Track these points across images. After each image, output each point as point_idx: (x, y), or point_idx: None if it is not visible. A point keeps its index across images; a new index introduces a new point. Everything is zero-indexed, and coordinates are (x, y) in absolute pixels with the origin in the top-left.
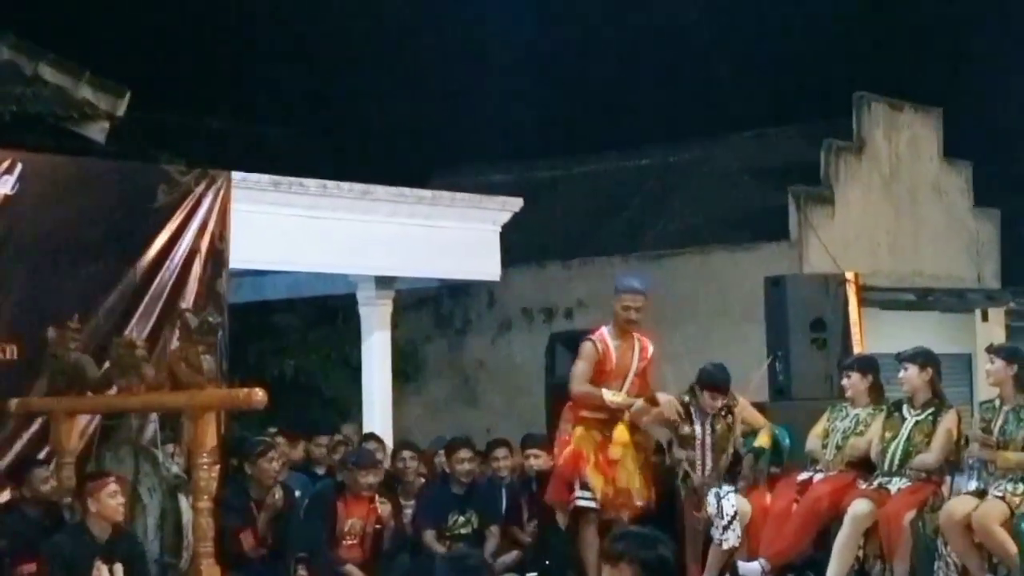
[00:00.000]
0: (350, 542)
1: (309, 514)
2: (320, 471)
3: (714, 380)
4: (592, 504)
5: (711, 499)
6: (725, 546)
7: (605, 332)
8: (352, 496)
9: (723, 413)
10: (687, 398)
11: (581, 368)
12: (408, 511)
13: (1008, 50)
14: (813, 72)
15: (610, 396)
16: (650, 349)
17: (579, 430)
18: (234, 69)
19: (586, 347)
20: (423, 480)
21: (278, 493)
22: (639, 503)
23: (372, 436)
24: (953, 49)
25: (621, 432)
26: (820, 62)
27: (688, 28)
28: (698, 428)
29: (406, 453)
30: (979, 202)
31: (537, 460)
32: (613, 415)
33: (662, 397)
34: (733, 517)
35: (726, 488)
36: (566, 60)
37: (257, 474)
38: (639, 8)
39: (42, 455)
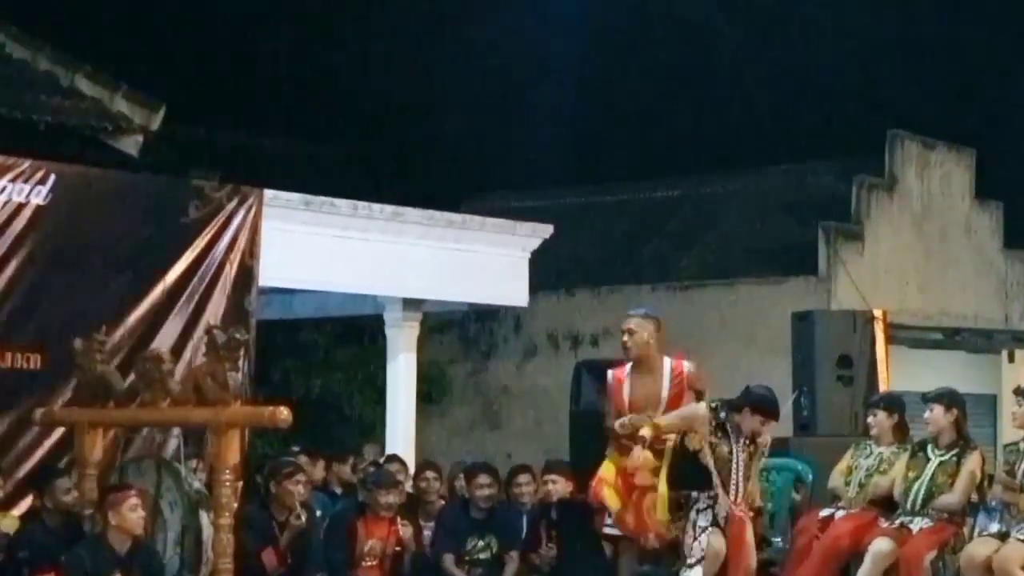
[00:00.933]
0: (369, 563)
1: (329, 535)
2: (338, 491)
3: (767, 404)
4: (616, 531)
5: (688, 529)
6: None
7: (628, 368)
8: (372, 517)
9: (747, 441)
10: (723, 415)
11: (606, 405)
12: (428, 532)
13: None
14: (847, 108)
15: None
16: (685, 367)
17: (612, 455)
18: (270, 87)
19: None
20: (444, 502)
21: (303, 514)
22: (666, 532)
23: (395, 458)
24: (988, 90)
25: (646, 457)
26: (855, 99)
27: (725, 61)
28: (735, 449)
29: (429, 473)
30: (1009, 243)
31: (555, 485)
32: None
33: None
34: (699, 560)
35: (702, 523)
36: (601, 88)
37: (282, 495)
38: (675, 39)
39: (63, 464)
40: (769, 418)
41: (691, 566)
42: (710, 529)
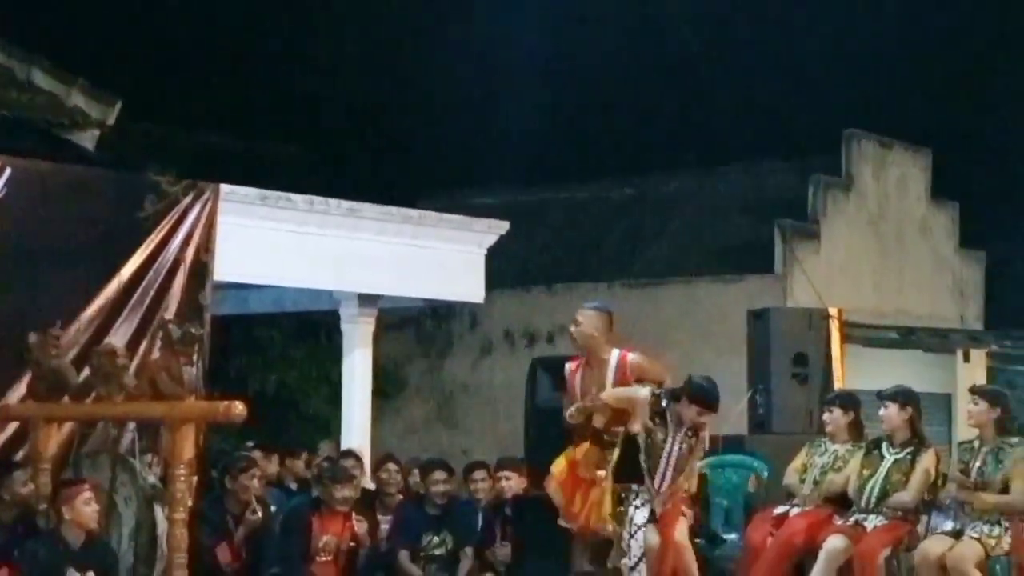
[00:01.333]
0: (324, 559)
1: (284, 530)
2: (293, 486)
3: (705, 395)
4: (566, 524)
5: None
6: None
7: (580, 361)
8: (328, 512)
9: (689, 433)
10: (664, 403)
11: (564, 399)
12: (386, 527)
13: (999, 93)
14: (804, 108)
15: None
16: (630, 357)
17: (568, 449)
18: (225, 83)
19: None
20: (401, 497)
21: (258, 510)
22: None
23: (350, 453)
24: (944, 91)
25: (588, 451)
26: (811, 98)
27: (682, 61)
28: (670, 438)
29: (391, 466)
30: (965, 243)
31: (509, 482)
32: (597, 434)
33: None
34: (640, 560)
35: (639, 521)
36: (558, 87)
37: (237, 489)
38: (632, 39)
39: (18, 457)
40: (706, 409)
41: (632, 568)
42: (647, 527)
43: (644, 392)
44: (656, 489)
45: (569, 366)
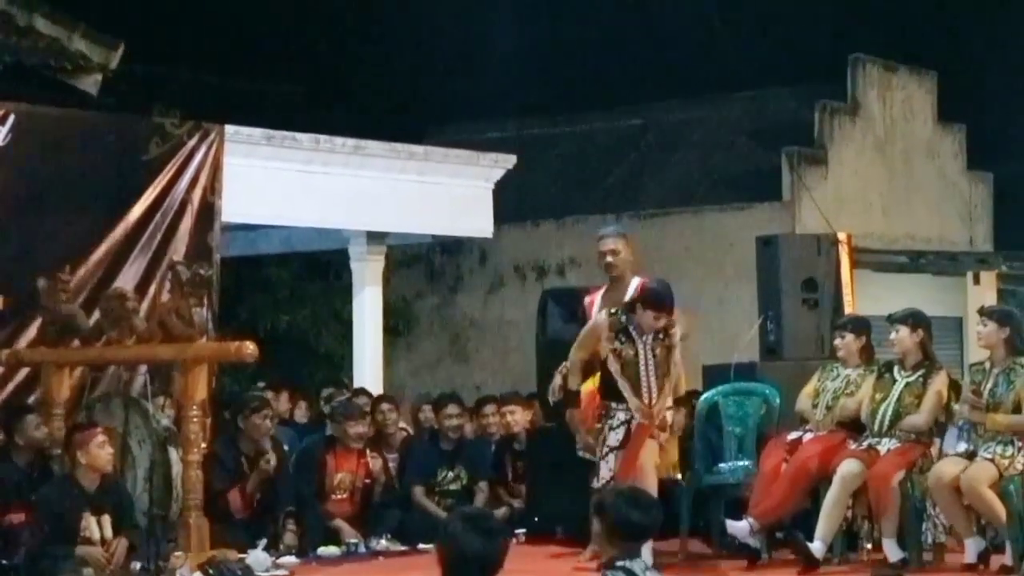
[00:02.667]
0: (339, 496)
1: (298, 469)
2: (302, 420)
3: (657, 298)
4: (584, 455)
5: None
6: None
7: (601, 290)
8: (342, 449)
9: (661, 336)
10: (623, 318)
11: (573, 356)
12: (391, 464)
13: (1005, 15)
14: (808, 33)
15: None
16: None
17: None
18: (229, 24)
19: (585, 328)
20: (405, 433)
21: (271, 459)
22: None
23: (363, 391)
24: (949, 12)
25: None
26: (816, 23)
27: None
28: (641, 349)
29: (384, 406)
30: (972, 165)
31: (514, 416)
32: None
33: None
34: (607, 483)
35: (612, 443)
36: (562, 17)
37: (249, 429)
38: None
39: (30, 402)
40: (660, 311)
41: (597, 491)
42: (619, 452)
43: (600, 318)
44: (648, 403)
45: (587, 298)
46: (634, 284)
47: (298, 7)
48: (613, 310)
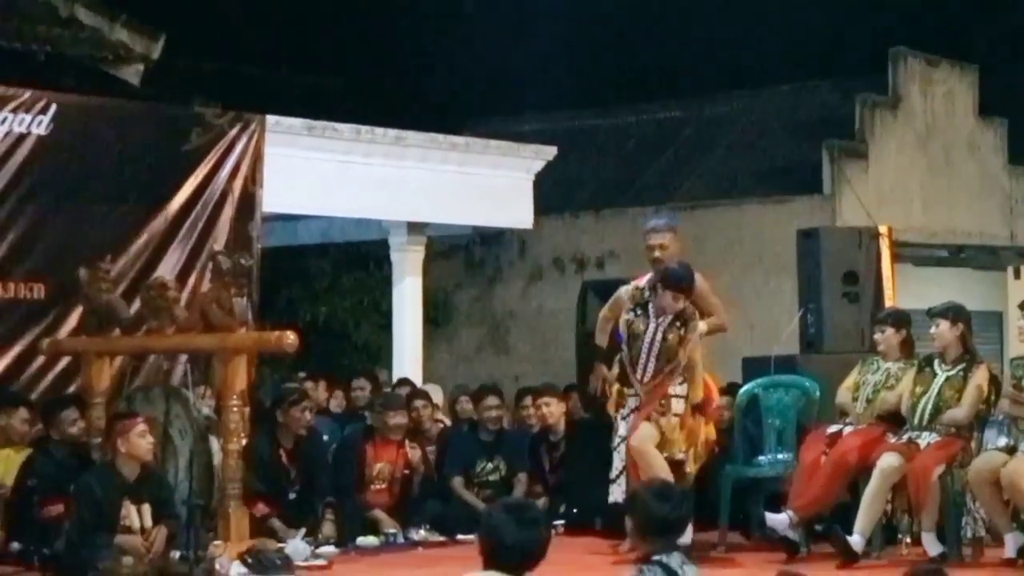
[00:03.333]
0: (379, 486)
1: (337, 459)
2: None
3: (675, 277)
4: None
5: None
6: (610, 499)
7: (644, 280)
8: (381, 440)
9: (678, 324)
10: (646, 294)
11: (601, 313)
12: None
13: None
14: (850, 26)
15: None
16: (695, 277)
17: None
18: (269, 15)
19: (615, 294)
20: (441, 425)
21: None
22: (665, 453)
23: (405, 381)
24: (991, 6)
25: None
26: (857, 16)
27: None
28: (651, 327)
29: (418, 402)
30: (1014, 160)
31: (549, 408)
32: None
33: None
34: (620, 473)
35: (622, 432)
36: (604, 9)
37: (288, 422)
38: None
39: (70, 392)
40: (678, 291)
41: (613, 480)
42: (622, 446)
43: (622, 291)
44: (639, 380)
45: (632, 286)
46: None
47: (342, 1)
48: (639, 285)
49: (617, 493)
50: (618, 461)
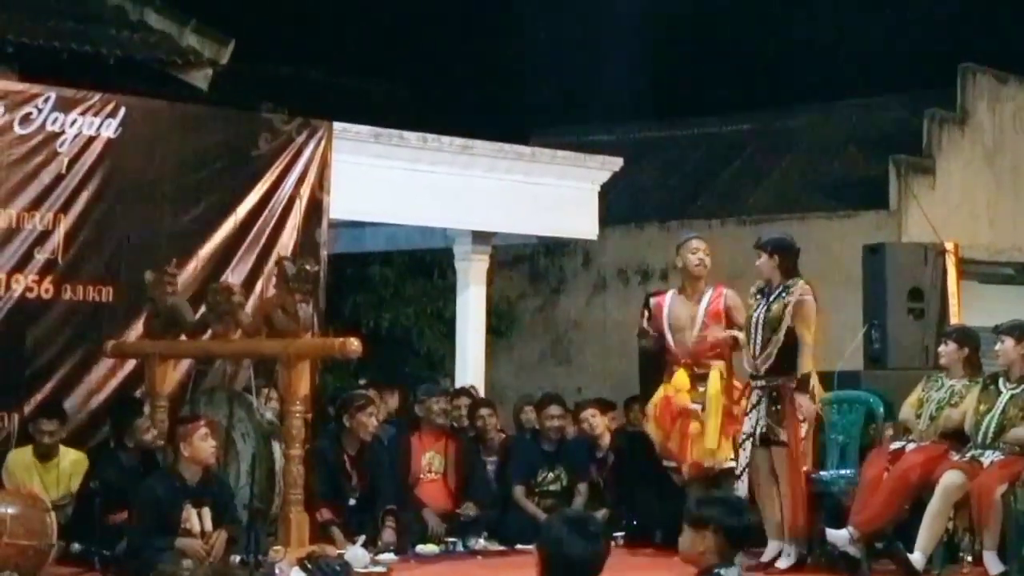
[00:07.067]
0: (431, 477)
1: (391, 461)
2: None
3: (783, 244)
4: (668, 463)
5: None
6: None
7: (668, 294)
8: (427, 429)
9: (781, 292)
10: (762, 284)
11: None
12: (491, 467)
13: None
14: (919, 41)
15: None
16: (727, 294)
17: (663, 384)
18: (337, 22)
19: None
20: (503, 435)
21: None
22: (713, 461)
23: (464, 391)
24: None
25: (680, 377)
26: (926, 31)
27: None
28: (761, 309)
29: (484, 411)
30: None
31: (595, 419)
32: (688, 365)
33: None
34: (743, 471)
35: (745, 430)
36: (672, 21)
37: (355, 427)
38: None
39: (137, 395)
40: (762, 250)
41: (738, 476)
42: (747, 442)
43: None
44: (753, 355)
45: (656, 300)
46: (709, 292)
47: (408, 6)
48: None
49: (742, 490)
50: (743, 460)
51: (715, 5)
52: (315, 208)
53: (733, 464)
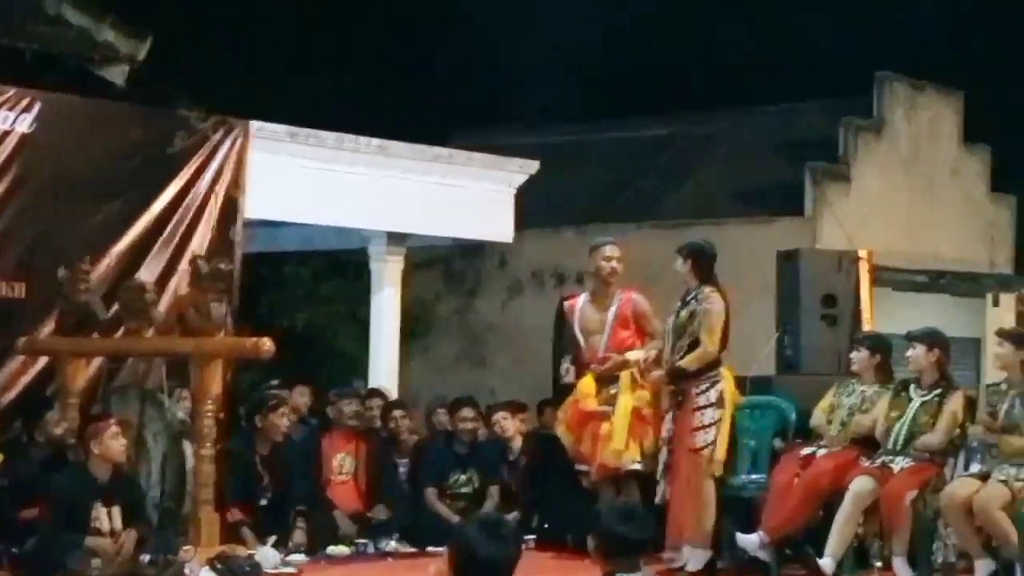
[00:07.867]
0: (342, 479)
1: (300, 462)
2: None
3: (697, 249)
4: (581, 467)
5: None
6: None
7: (581, 296)
8: (338, 430)
9: (692, 298)
10: (685, 290)
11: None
12: (403, 469)
13: None
14: (836, 49)
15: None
16: (635, 300)
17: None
18: (257, 19)
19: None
20: (416, 437)
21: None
22: (619, 463)
23: (377, 392)
24: (977, 32)
25: (586, 383)
26: (843, 39)
27: (715, 1)
28: (674, 314)
29: (396, 412)
30: (996, 187)
31: (506, 422)
32: (596, 369)
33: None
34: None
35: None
36: (590, 27)
37: (267, 428)
38: None
39: (48, 392)
40: (690, 258)
41: (658, 480)
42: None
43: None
44: (667, 360)
45: (567, 302)
46: (618, 295)
47: (328, 5)
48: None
49: (660, 494)
50: (661, 461)
51: (637, 10)
52: (230, 207)
53: (639, 466)
